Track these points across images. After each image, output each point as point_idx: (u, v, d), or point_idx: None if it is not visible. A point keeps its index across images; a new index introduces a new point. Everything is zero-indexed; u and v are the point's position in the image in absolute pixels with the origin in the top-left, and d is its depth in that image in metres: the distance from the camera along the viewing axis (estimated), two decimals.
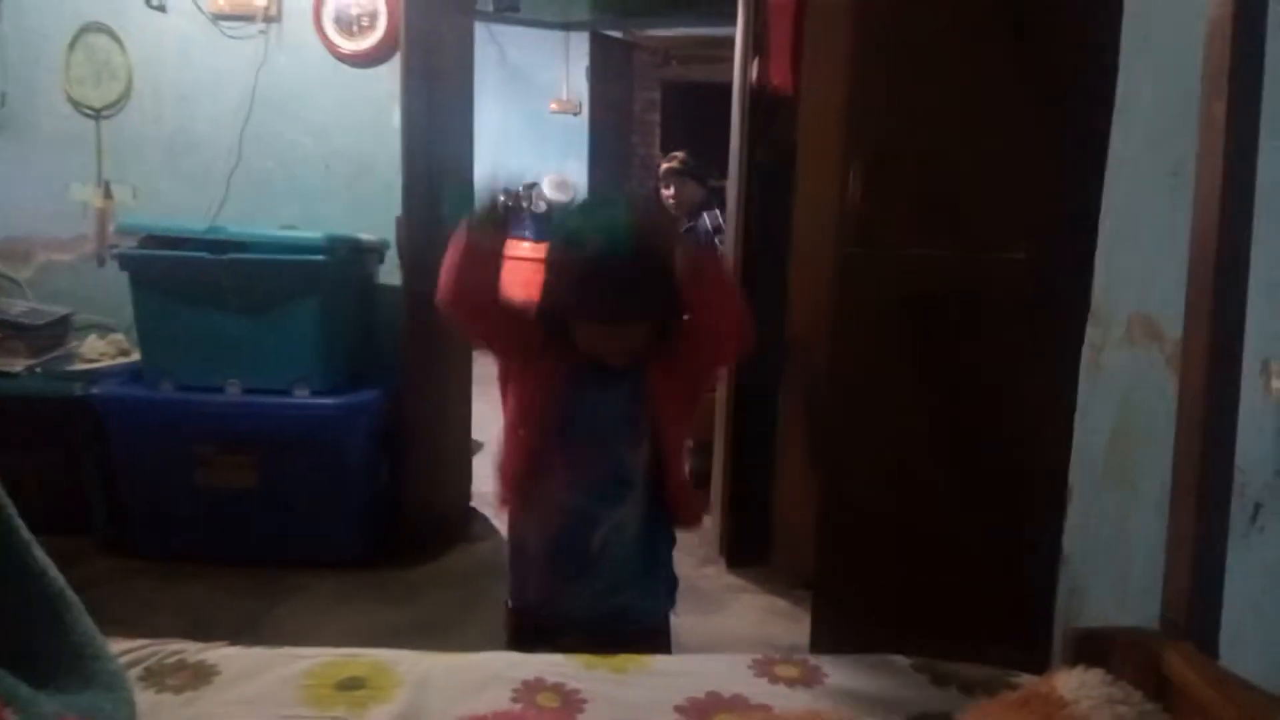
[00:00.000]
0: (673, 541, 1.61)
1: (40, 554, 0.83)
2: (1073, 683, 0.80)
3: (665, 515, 1.57)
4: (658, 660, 1.28)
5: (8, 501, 0.86)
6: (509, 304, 1.49)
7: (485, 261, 1.43)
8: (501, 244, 1.45)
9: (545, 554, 1.51)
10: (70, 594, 0.84)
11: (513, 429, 1.51)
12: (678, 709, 1.13)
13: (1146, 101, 1.80)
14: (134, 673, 1.19)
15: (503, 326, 1.49)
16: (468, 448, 3.81)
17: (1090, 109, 1.93)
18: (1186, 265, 1.25)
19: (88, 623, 0.85)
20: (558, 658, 1.26)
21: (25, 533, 0.81)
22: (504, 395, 1.54)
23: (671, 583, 1.64)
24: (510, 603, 1.61)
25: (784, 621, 2.92)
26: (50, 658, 0.78)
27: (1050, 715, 0.76)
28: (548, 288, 1.45)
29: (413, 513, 3.31)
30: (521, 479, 1.51)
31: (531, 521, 1.53)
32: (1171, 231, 1.60)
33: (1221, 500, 1.19)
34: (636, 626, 1.53)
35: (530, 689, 1.17)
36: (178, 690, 1.17)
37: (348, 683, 1.19)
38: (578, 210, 1.60)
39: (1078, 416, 1.94)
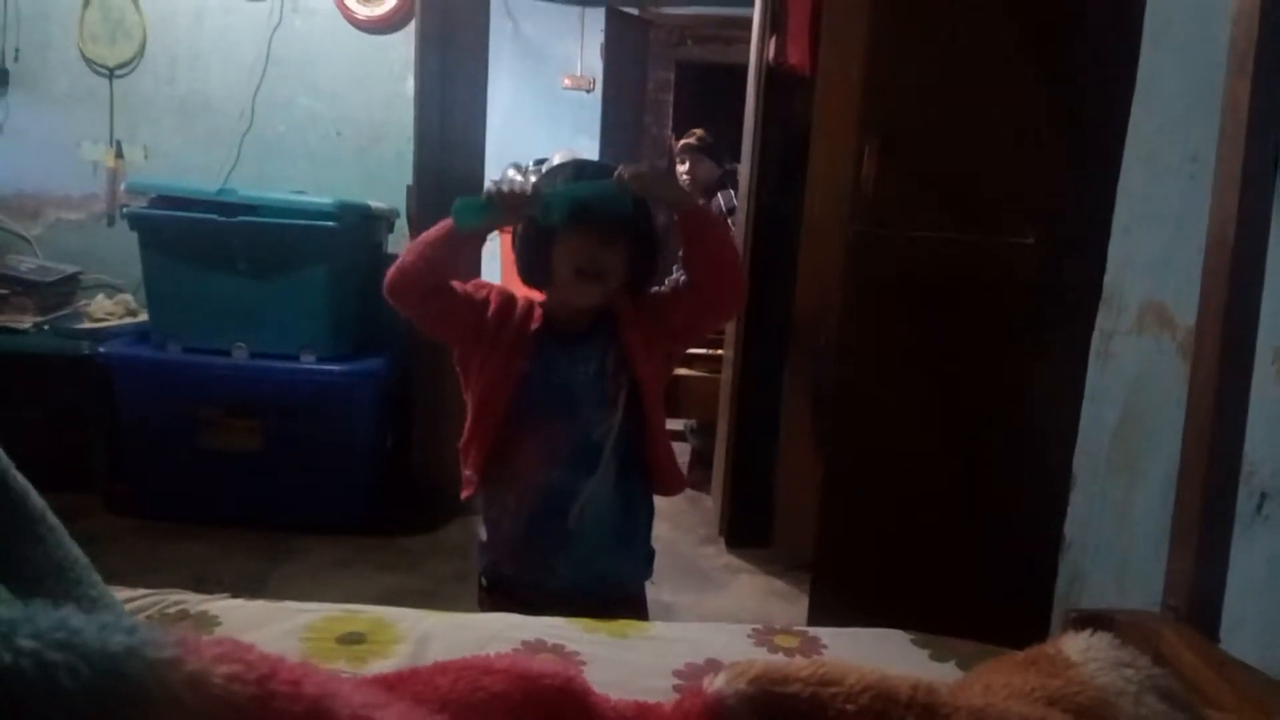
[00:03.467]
0: (651, 511, 1.60)
1: (21, 478, 0.82)
2: (1080, 645, 0.79)
3: (643, 483, 1.56)
4: (657, 626, 1.29)
5: None
6: (459, 286, 1.49)
7: (458, 249, 1.43)
8: (484, 232, 1.46)
9: (523, 529, 1.51)
10: (53, 519, 0.83)
11: (479, 412, 1.50)
12: (676, 673, 1.13)
13: (1167, 88, 1.79)
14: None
15: (453, 308, 1.47)
16: None
17: (1107, 95, 1.92)
18: (1201, 253, 1.25)
19: (71, 547, 0.84)
20: (558, 621, 1.26)
21: (3, 457, 0.81)
22: (465, 382, 1.52)
23: (648, 553, 1.63)
24: (484, 581, 1.61)
25: (782, 602, 2.93)
26: (30, 576, 0.77)
27: (1056, 674, 0.76)
28: (536, 203, 1.44)
29: (415, 482, 3.33)
30: (490, 461, 1.50)
31: (508, 499, 1.52)
32: (1188, 219, 1.59)
33: (1228, 488, 1.19)
34: (614, 595, 1.52)
35: (530, 649, 1.18)
36: None
37: (348, 637, 1.19)
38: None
39: (1085, 403, 1.94)
